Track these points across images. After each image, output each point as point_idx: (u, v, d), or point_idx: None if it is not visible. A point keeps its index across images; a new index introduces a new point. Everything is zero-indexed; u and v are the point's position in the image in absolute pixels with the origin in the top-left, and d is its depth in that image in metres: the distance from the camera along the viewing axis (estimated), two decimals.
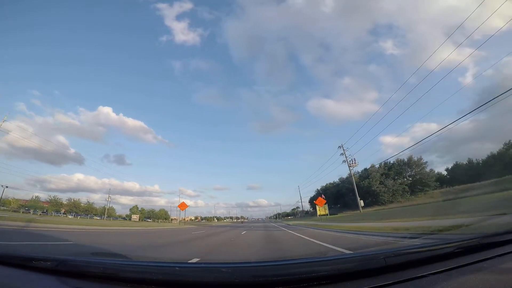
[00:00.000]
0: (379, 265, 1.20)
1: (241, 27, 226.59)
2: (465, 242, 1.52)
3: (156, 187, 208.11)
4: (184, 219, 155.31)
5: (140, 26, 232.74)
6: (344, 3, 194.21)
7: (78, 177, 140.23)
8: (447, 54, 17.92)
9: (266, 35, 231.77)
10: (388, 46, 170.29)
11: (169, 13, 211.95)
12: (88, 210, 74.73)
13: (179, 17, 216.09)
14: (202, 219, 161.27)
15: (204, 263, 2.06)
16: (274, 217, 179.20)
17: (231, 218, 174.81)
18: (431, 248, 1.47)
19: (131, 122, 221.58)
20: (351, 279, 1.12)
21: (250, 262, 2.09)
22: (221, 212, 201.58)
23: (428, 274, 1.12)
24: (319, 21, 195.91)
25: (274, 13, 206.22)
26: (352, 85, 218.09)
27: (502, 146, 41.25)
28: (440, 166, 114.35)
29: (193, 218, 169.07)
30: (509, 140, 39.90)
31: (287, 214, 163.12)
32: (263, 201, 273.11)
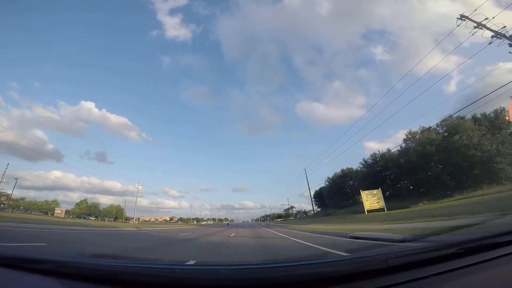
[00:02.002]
0: (380, 267, 1.16)
1: (236, 24, 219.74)
2: (467, 243, 1.50)
3: (139, 187, 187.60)
4: (156, 219, 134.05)
5: (130, 20, 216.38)
6: (338, 7, 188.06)
7: (56, 174, 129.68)
8: (436, 61, 17.65)
9: (259, 35, 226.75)
10: (379, 51, 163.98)
11: (162, 6, 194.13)
12: None
13: (173, 12, 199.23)
14: (179, 220, 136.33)
15: (205, 265, 2.00)
16: (262, 219, 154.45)
17: (214, 220, 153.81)
18: (432, 249, 1.46)
19: (114, 118, 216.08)
20: (352, 281, 1.10)
21: (251, 264, 1.94)
22: (205, 213, 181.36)
23: (430, 275, 1.11)
24: (313, 23, 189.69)
25: (269, 12, 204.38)
26: (341, 89, 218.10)
27: None
28: None
29: (167, 218, 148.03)
30: None
31: (278, 216, 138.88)
32: (249, 203, 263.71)
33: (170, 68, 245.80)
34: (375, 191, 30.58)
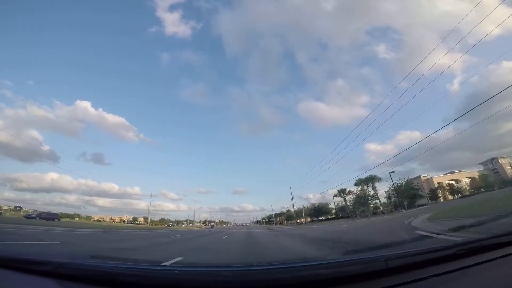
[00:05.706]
0: (380, 268, 1.16)
1: (237, 20, 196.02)
2: (467, 244, 1.50)
3: (137, 189, 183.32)
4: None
5: (128, 17, 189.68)
6: (343, 2, 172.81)
7: (52, 176, 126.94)
8: (441, 60, 18.65)
9: (261, 30, 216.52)
10: (382, 49, 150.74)
11: (162, 2, 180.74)
12: None
13: (173, 7, 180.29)
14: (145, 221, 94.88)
15: (205, 267, 1.99)
16: (266, 220, 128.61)
17: (204, 222, 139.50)
18: (432, 250, 1.44)
19: (111, 118, 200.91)
20: (352, 282, 1.11)
21: (251, 265, 1.95)
22: (204, 216, 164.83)
23: (430, 276, 1.11)
24: (316, 19, 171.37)
25: (271, 7, 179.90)
26: (344, 88, 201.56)
27: None
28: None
29: (130, 218, 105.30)
30: None
31: (316, 211, 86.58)
32: (248, 206, 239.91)
33: (170, 66, 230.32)
34: None
